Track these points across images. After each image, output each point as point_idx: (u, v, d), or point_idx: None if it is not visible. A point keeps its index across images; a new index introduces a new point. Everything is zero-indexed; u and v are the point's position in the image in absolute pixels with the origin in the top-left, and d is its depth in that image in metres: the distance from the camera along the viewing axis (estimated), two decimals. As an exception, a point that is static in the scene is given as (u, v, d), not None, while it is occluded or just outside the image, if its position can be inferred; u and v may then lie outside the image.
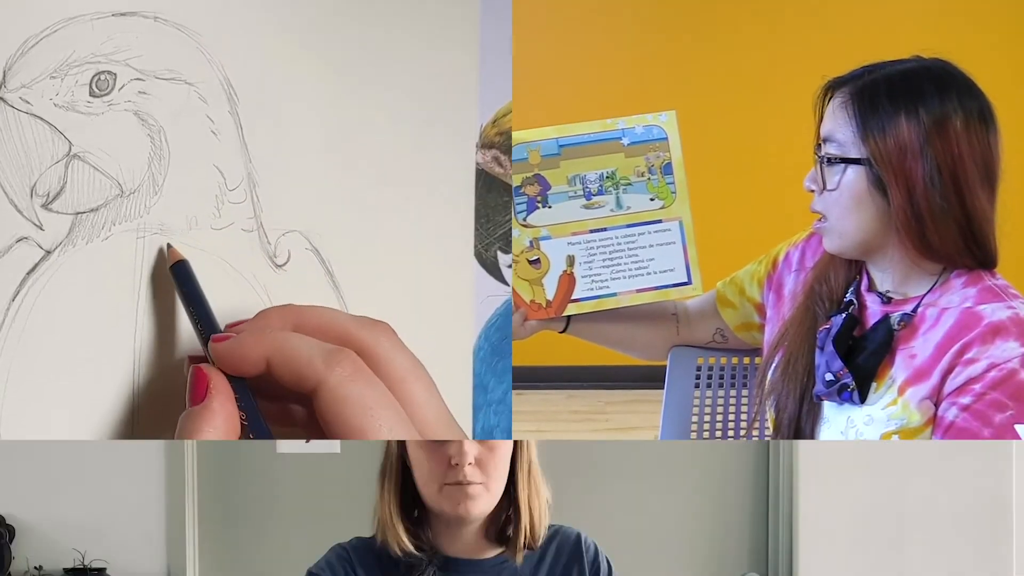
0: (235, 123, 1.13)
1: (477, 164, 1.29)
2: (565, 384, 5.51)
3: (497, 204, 1.31)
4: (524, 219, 1.83)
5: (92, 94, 1.04)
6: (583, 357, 4.01)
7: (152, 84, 1.07)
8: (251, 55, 1.13)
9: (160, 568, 3.29)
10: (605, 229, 1.85)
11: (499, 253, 1.33)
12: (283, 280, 1.15)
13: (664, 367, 2.08)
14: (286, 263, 1.16)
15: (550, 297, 1.84)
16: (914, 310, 1.62)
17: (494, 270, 1.33)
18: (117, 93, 1.06)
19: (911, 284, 1.65)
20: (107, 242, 1.06)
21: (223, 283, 1.11)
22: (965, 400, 1.52)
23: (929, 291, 1.62)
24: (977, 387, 1.51)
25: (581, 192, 1.85)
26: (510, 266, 1.33)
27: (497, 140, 1.31)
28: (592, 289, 1.85)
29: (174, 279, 1.06)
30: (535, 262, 1.84)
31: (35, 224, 1.03)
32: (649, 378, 2.57)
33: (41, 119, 1.02)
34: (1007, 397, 1.49)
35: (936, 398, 1.55)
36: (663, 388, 2.09)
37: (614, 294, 1.86)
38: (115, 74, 1.05)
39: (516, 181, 1.81)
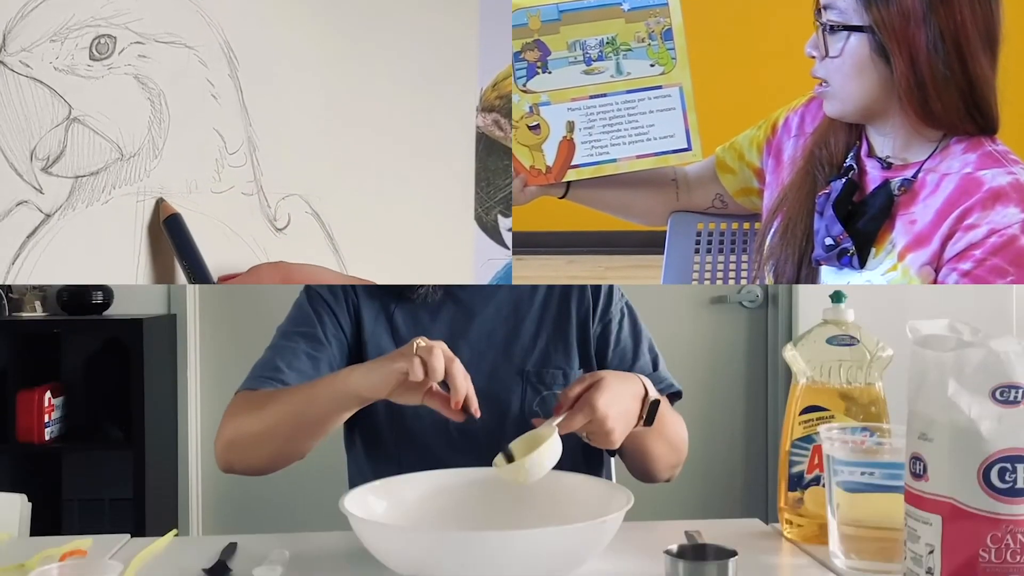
0: (235, 87, 1.12)
1: (477, 128, 1.29)
2: (565, 250, 5.50)
3: (497, 168, 1.31)
4: (524, 85, 1.83)
5: (92, 57, 1.04)
6: (583, 222, 4.02)
7: (152, 48, 1.07)
8: (251, 19, 1.12)
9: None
10: (605, 95, 1.85)
11: (499, 217, 1.33)
12: (283, 243, 1.16)
13: (664, 232, 2.09)
14: (286, 227, 1.16)
15: (550, 163, 1.85)
16: (914, 175, 1.62)
17: (494, 233, 1.33)
18: (117, 56, 1.05)
19: (912, 150, 1.65)
20: (107, 205, 1.06)
21: (223, 246, 1.12)
22: (965, 266, 1.53)
23: (929, 157, 1.63)
24: (977, 253, 1.52)
25: (581, 58, 1.84)
26: (510, 230, 1.33)
27: (497, 104, 1.31)
28: (592, 155, 1.86)
29: (167, 233, 1.07)
30: (535, 128, 1.84)
31: (35, 188, 1.03)
32: (649, 244, 2.58)
33: (41, 83, 1.02)
34: (1007, 263, 1.51)
35: (936, 264, 1.57)
36: (663, 253, 2.10)
37: (614, 160, 1.86)
38: (115, 37, 1.05)
39: (516, 47, 1.80)
